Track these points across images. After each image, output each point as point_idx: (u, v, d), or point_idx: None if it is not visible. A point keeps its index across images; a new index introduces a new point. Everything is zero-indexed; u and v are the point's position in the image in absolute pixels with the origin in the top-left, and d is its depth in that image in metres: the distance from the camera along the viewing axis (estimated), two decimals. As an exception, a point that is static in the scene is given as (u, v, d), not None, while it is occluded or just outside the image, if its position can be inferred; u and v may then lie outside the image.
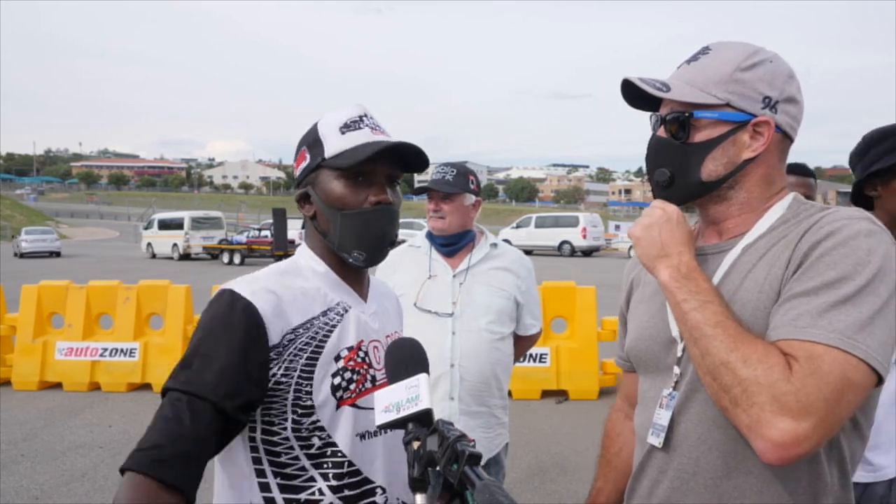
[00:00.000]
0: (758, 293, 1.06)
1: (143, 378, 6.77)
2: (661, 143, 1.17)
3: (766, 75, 1.11)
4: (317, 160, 1.25)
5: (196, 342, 1.14)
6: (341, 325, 1.24)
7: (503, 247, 2.50)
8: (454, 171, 2.37)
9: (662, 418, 1.15)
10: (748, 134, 1.11)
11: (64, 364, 6.84)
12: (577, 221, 29.15)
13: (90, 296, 7.04)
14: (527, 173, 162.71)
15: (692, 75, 1.14)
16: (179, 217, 28.81)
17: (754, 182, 1.14)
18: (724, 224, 1.18)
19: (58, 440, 5.28)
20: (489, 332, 2.33)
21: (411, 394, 1.04)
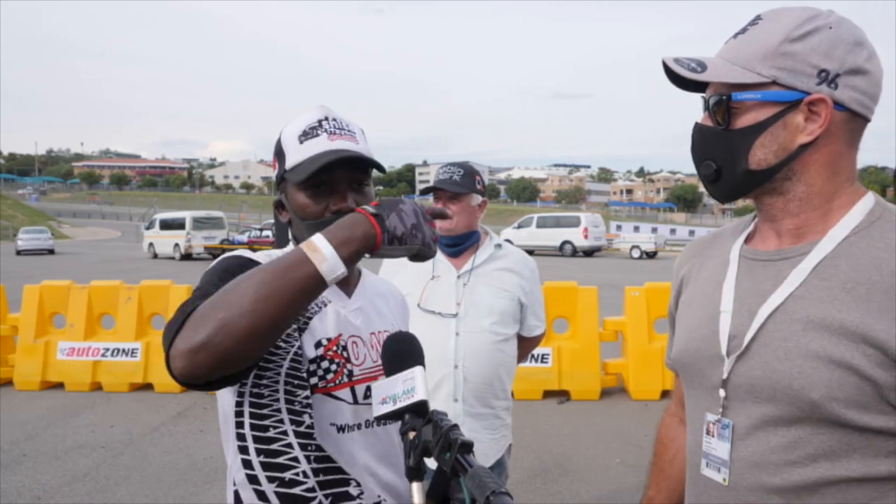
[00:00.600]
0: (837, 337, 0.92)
1: (145, 378, 6.77)
2: (704, 131, 1.04)
3: (823, 44, 0.95)
4: (281, 171, 1.28)
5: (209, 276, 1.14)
6: (320, 315, 1.25)
7: (507, 247, 2.48)
8: (461, 171, 2.35)
9: (719, 450, 1.03)
10: (802, 115, 0.96)
11: (66, 364, 6.84)
12: (579, 221, 29.15)
13: (92, 296, 7.05)
14: (528, 173, 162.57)
15: (735, 51, 1.00)
16: (181, 217, 28.85)
17: (815, 172, 0.99)
18: (782, 223, 1.03)
19: (60, 440, 5.28)
20: (493, 334, 2.32)
21: (407, 386, 1.06)
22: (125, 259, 27.43)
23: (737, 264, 1.08)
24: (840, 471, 0.93)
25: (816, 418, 0.93)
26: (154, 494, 4.24)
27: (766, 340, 0.98)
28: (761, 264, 1.04)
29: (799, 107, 0.97)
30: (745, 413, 1.00)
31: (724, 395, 1.02)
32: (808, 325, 0.94)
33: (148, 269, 21.02)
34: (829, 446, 0.93)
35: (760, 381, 0.97)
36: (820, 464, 0.93)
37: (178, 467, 4.70)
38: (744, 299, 1.04)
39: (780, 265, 1.01)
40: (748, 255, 1.08)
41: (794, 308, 0.96)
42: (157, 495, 4.23)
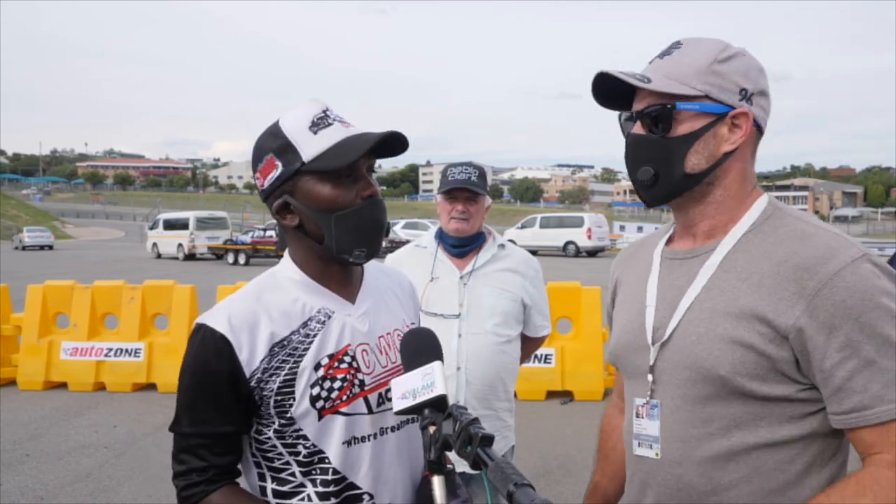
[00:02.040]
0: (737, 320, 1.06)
1: (148, 378, 6.77)
2: (642, 140, 1.14)
3: (742, 68, 1.11)
4: (294, 166, 1.18)
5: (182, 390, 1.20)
6: (322, 334, 1.21)
7: (511, 248, 2.46)
8: (477, 172, 2.32)
9: (649, 429, 1.16)
10: (727, 126, 1.10)
11: (69, 364, 6.85)
12: (582, 222, 29.10)
13: (95, 296, 7.06)
14: (531, 174, 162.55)
15: (669, 68, 1.12)
16: (184, 217, 28.93)
17: (732, 178, 1.13)
18: (699, 226, 1.17)
19: (63, 440, 5.29)
20: (495, 335, 2.30)
21: (426, 381, 1.07)
22: (129, 259, 27.49)
23: (658, 264, 1.23)
24: (751, 438, 1.06)
25: (726, 393, 1.06)
26: (157, 494, 4.24)
27: (684, 328, 1.12)
28: (678, 262, 1.19)
29: (724, 119, 1.10)
30: (669, 394, 1.13)
31: (652, 379, 1.16)
32: (715, 313, 1.08)
33: (151, 270, 21.04)
34: (739, 417, 1.06)
35: (680, 364, 1.11)
36: (733, 433, 1.07)
37: (181, 467, 4.69)
38: (664, 294, 1.18)
39: (691, 262, 1.16)
40: (668, 256, 1.22)
41: (705, 298, 1.11)
42: (160, 495, 4.22)
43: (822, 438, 1.07)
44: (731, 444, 1.07)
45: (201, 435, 1.17)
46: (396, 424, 1.28)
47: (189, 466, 1.16)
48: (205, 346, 1.17)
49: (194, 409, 1.18)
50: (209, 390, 1.17)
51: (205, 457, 1.16)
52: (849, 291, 0.99)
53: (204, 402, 1.17)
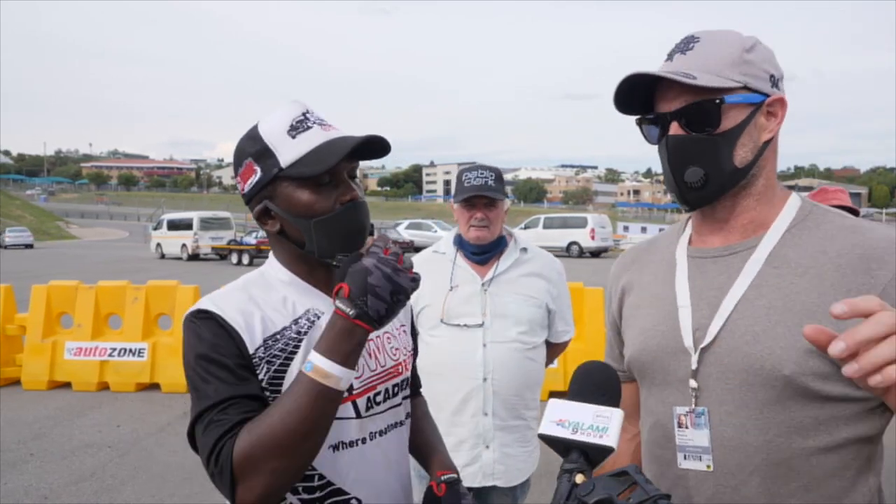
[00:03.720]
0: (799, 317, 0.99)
1: (152, 378, 6.78)
2: (686, 140, 1.07)
3: (766, 54, 1.09)
4: (272, 172, 1.15)
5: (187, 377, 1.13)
6: (310, 335, 1.17)
7: (533, 251, 2.37)
8: (493, 175, 2.22)
9: (696, 439, 1.07)
10: (763, 115, 1.08)
11: (73, 364, 6.87)
12: (586, 222, 29.03)
13: (99, 296, 7.07)
14: (535, 174, 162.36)
15: (700, 62, 1.06)
16: (188, 217, 28.95)
17: (770, 167, 1.11)
18: (735, 220, 1.11)
19: (66, 440, 5.30)
20: (521, 343, 2.21)
21: (600, 423, 0.92)
22: (132, 259, 27.55)
23: (685, 263, 1.15)
24: (811, 443, 1.01)
25: (787, 395, 1.00)
26: (160, 494, 4.25)
27: (732, 328, 1.04)
28: (711, 261, 1.12)
29: (762, 108, 1.08)
30: (717, 400, 1.05)
31: (696, 385, 1.07)
32: (771, 310, 1.02)
33: (155, 270, 21.09)
34: (799, 421, 1.01)
35: (732, 367, 1.04)
36: (793, 438, 1.01)
37: (184, 467, 4.70)
38: (701, 294, 1.10)
39: (729, 260, 1.10)
40: (695, 255, 1.15)
41: (755, 296, 1.04)
42: (163, 495, 4.24)
43: (872, 441, 1.04)
44: (791, 450, 1.01)
45: (220, 402, 1.07)
46: (384, 428, 1.26)
47: (214, 438, 1.05)
48: (206, 328, 1.12)
49: (211, 383, 1.09)
50: (220, 366, 1.10)
51: (228, 417, 1.06)
52: None
53: (217, 374, 1.09)
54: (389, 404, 1.28)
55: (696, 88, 1.04)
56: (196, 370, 1.10)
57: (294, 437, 1.02)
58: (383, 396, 1.26)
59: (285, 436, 1.02)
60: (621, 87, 1.09)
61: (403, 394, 1.33)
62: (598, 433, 0.90)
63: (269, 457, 1.02)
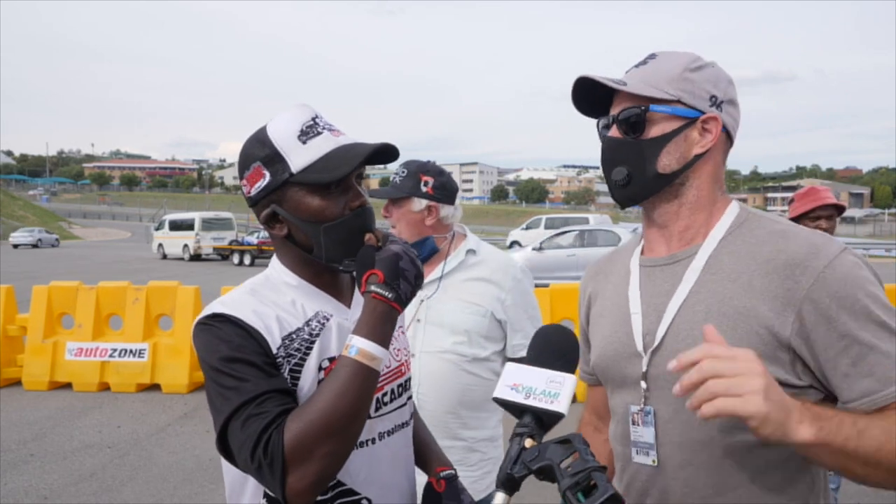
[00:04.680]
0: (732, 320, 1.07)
1: (153, 379, 6.79)
2: (616, 142, 1.19)
3: (712, 77, 1.17)
4: (281, 177, 1.15)
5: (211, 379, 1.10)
6: (322, 336, 1.18)
7: (485, 253, 2.14)
8: (404, 172, 2.08)
9: (645, 436, 1.15)
10: (697, 130, 1.15)
11: (74, 364, 6.88)
12: (588, 223, 28.99)
13: (100, 296, 7.08)
14: (537, 174, 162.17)
15: (644, 75, 1.17)
16: (190, 218, 29.00)
17: (703, 180, 1.18)
18: (672, 227, 1.20)
19: (67, 440, 5.31)
20: (456, 355, 2.01)
21: (551, 388, 0.95)
22: (134, 260, 27.61)
23: (637, 273, 1.24)
24: (751, 437, 1.02)
25: None
26: (160, 495, 4.25)
27: (675, 333, 1.12)
28: (658, 269, 1.20)
29: (695, 124, 1.16)
30: (664, 400, 1.12)
31: (646, 386, 1.15)
32: (708, 315, 1.09)
33: (156, 270, 21.13)
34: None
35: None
36: (734, 434, 1.07)
37: (185, 468, 4.70)
38: (649, 301, 1.19)
39: (673, 267, 1.18)
40: (645, 264, 1.24)
41: (695, 301, 1.12)
42: (163, 495, 4.24)
43: None
44: (734, 444, 1.07)
45: (257, 396, 1.05)
46: (392, 428, 1.27)
47: (258, 430, 1.02)
48: (227, 331, 1.11)
49: (243, 380, 1.07)
50: (249, 364, 1.08)
51: (268, 410, 1.04)
52: (840, 283, 1.02)
53: (247, 372, 1.07)
54: (396, 404, 1.29)
55: (632, 96, 1.16)
56: (223, 371, 1.08)
57: (345, 418, 1.04)
58: (390, 397, 1.28)
59: (337, 418, 1.03)
60: (576, 91, 1.21)
61: (407, 394, 1.35)
62: (550, 399, 0.93)
63: (321, 441, 1.02)
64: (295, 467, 1.01)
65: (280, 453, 1.00)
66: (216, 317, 1.13)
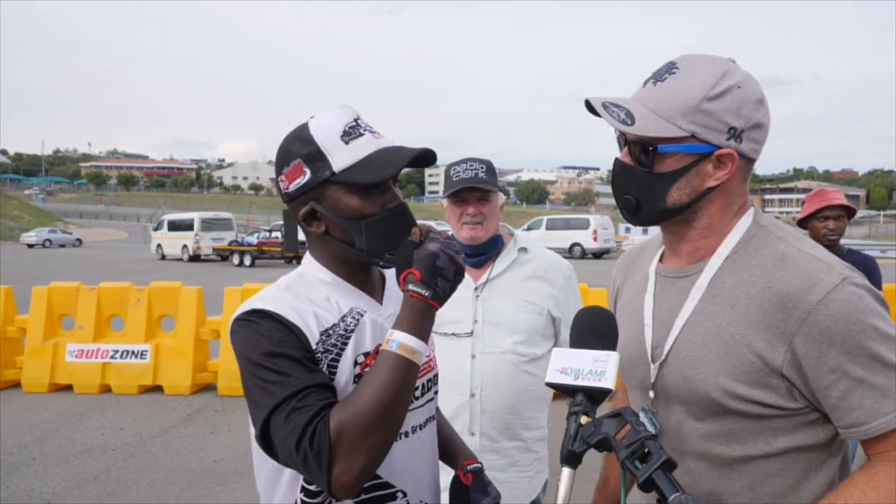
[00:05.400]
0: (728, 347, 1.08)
1: (155, 380, 6.73)
2: (627, 170, 1.16)
3: (734, 104, 1.08)
4: (323, 175, 1.17)
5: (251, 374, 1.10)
6: (357, 332, 1.21)
7: (535, 251, 2.14)
8: (484, 167, 2.01)
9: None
10: (712, 164, 1.11)
11: (74, 366, 6.80)
12: (588, 224, 29.06)
13: (101, 297, 7.01)
14: (537, 175, 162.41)
15: (658, 102, 1.10)
16: (189, 218, 28.92)
17: (716, 208, 1.15)
18: (684, 246, 1.19)
19: (69, 443, 5.24)
20: (516, 355, 1.99)
21: (597, 367, 1.01)
22: (133, 260, 27.52)
23: (653, 281, 1.25)
24: (749, 450, 1.10)
25: (721, 412, 1.10)
26: (165, 497, 4.20)
27: (677, 351, 1.15)
28: (670, 281, 1.21)
29: (710, 158, 1.11)
30: (668, 409, 1.17)
31: (653, 395, 1.19)
32: (707, 338, 1.11)
33: (156, 271, 21.05)
34: (736, 432, 1.10)
35: (676, 386, 1.15)
36: (733, 447, 1.10)
37: (190, 470, 4.65)
38: (658, 313, 1.21)
39: (682, 283, 1.18)
40: (661, 273, 1.25)
41: (696, 322, 1.13)
42: (169, 498, 4.18)
43: (817, 447, 1.10)
44: (732, 455, 1.11)
45: (300, 391, 1.06)
46: (423, 422, 1.30)
47: (303, 422, 1.03)
48: (267, 326, 1.12)
49: (286, 374, 1.08)
50: (290, 359, 1.10)
51: (312, 403, 1.05)
52: (832, 319, 1.01)
53: (289, 367, 1.09)
54: (426, 398, 1.33)
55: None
56: (264, 366, 1.09)
57: (389, 410, 1.06)
58: (421, 391, 1.30)
59: (382, 410, 1.05)
60: (586, 104, 1.18)
61: (435, 388, 1.38)
62: (597, 377, 1.00)
63: (367, 433, 1.03)
64: (341, 459, 1.02)
65: (327, 444, 1.01)
66: (256, 312, 1.15)
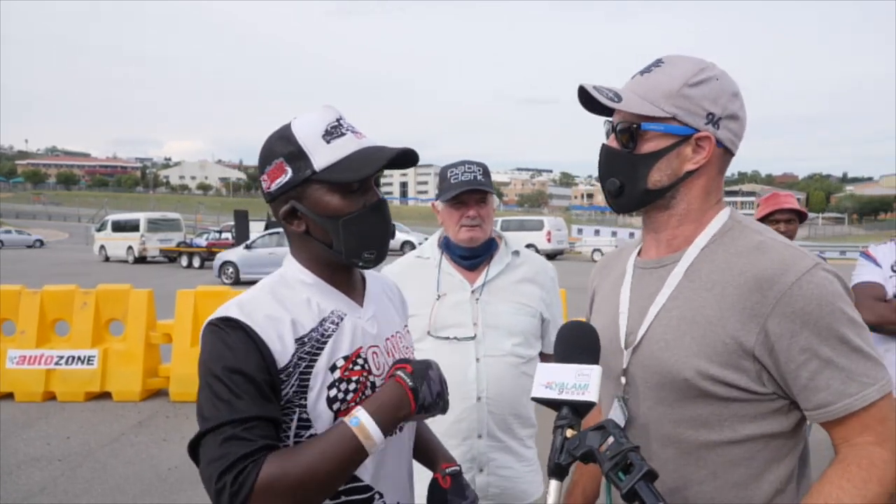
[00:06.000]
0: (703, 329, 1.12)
1: (102, 387, 6.49)
2: (611, 153, 1.23)
3: (712, 93, 1.17)
4: (304, 174, 1.18)
5: (207, 385, 1.11)
6: (336, 335, 1.21)
7: (526, 254, 2.17)
8: (481, 170, 2.02)
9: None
10: (691, 147, 1.17)
11: (15, 373, 6.50)
12: (543, 225, 29.44)
13: (45, 301, 6.73)
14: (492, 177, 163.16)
15: (644, 88, 1.19)
16: (135, 218, 28.02)
17: (694, 194, 1.20)
18: (663, 234, 1.24)
19: (12, 454, 5.01)
20: (516, 357, 2.03)
21: (580, 381, 1.04)
22: (75, 262, 26.45)
23: (631, 274, 1.30)
24: (715, 436, 1.13)
25: (691, 395, 1.13)
26: (117, 509, 4.06)
27: (652, 335, 1.18)
28: (648, 272, 1.26)
29: (689, 141, 1.17)
30: (640, 396, 1.20)
31: (625, 381, 1.23)
32: (682, 321, 1.15)
33: (101, 273, 20.27)
34: (704, 418, 1.13)
35: (649, 369, 1.18)
36: (700, 432, 1.14)
37: (142, 479, 4.51)
38: (636, 302, 1.25)
39: (660, 272, 1.23)
40: (639, 266, 1.30)
41: (672, 307, 1.17)
42: (121, 509, 4.04)
43: (780, 437, 1.15)
44: (698, 441, 1.14)
45: (246, 419, 1.06)
46: (400, 425, 1.29)
47: (236, 456, 1.03)
48: (236, 339, 1.12)
49: (238, 396, 1.07)
50: (249, 380, 1.09)
51: (252, 438, 1.05)
52: (806, 300, 1.06)
53: (245, 389, 1.08)
54: None
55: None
56: (222, 380, 1.09)
57: (321, 482, 1.08)
58: None
59: (314, 478, 1.07)
60: (579, 94, 1.23)
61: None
62: (581, 391, 1.03)
63: (292, 492, 1.05)
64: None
65: (249, 489, 1.02)
66: (228, 321, 1.14)
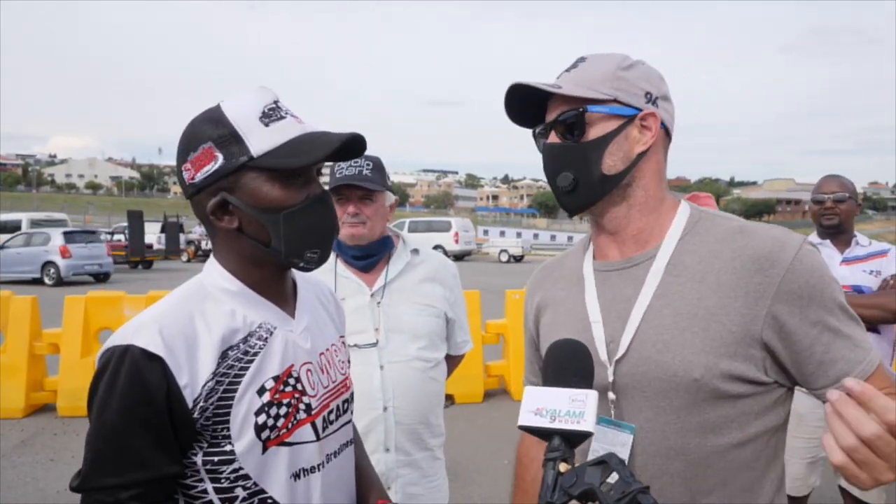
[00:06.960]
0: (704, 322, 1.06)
1: (-21, 403, 5.91)
2: (557, 148, 1.17)
3: (644, 74, 1.17)
4: (238, 160, 1.03)
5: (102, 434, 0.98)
6: (264, 352, 1.07)
7: (425, 252, 2.08)
8: (370, 165, 1.93)
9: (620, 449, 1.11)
10: (637, 128, 1.14)
11: None
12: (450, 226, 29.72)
13: None
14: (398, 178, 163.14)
15: (577, 78, 1.16)
16: (16, 219, 25.72)
17: (649, 178, 1.16)
18: (625, 232, 1.17)
19: None
20: (422, 361, 1.94)
21: (575, 408, 0.91)
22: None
23: (592, 278, 1.21)
24: (724, 440, 1.07)
25: (700, 398, 1.05)
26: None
27: (642, 339, 1.09)
28: (616, 273, 1.17)
29: (634, 121, 1.15)
30: (636, 408, 1.09)
31: (614, 397, 1.11)
32: (678, 317, 1.07)
33: (-26, 278, 18.52)
34: (713, 421, 1.06)
35: (646, 376, 1.08)
36: (708, 438, 1.07)
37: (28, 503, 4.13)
38: (610, 307, 1.15)
39: (632, 271, 1.15)
40: (600, 269, 1.21)
41: (661, 305, 1.09)
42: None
43: (779, 431, 1.12)
44: (707, 449, 1.07)
45: (136, 483, 0.96)
46: (338, 448, 1.20)
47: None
48: (135, 373, 0.97)
49: (125, 452, 0.96)
50: (147, 426, 0.97)
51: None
52: (808, 273, 1.04)
53: (140, 441, 0.97)
54: (342, 422, 1.22)
55: (567, 99, 1.14)
56: (112, 422, 0.97)
57: None
58: (335, 414, 1.20)
59: None
60: (509, 100, 1.17)
61: (351, 409, 1.28)
62: (576, 419, 0.91)
63: None
64: None
65: None
66: (128, 352, 0.98)
